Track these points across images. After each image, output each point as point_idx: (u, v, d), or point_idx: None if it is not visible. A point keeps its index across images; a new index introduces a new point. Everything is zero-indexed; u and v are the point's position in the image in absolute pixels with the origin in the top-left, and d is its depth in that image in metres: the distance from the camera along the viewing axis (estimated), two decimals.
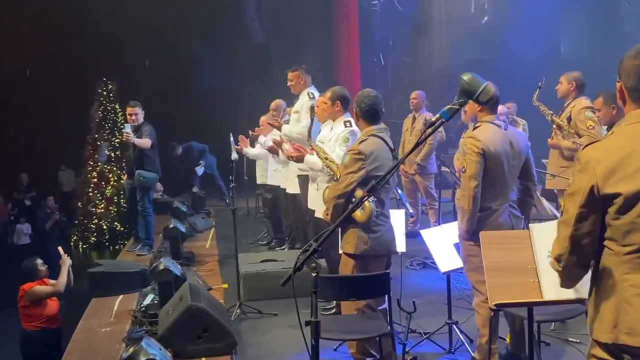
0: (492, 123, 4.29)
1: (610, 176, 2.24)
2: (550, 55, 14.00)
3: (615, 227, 2.27)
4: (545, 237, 3.05)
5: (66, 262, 6.86)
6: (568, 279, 2.45)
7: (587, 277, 2.49)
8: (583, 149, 2.38)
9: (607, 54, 12.89)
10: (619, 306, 2.28)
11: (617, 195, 2.23)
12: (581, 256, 2.37)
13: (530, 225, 3.18)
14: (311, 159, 5.59)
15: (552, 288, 3.00)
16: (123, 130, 8.33)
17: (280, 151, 7.43)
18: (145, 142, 8.24)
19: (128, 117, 8.45)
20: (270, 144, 7.66)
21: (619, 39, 13.53)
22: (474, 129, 4.37)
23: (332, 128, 5.79)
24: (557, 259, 2.41)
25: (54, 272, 6.87)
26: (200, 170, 13.28)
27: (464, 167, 4.27)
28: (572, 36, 14.84)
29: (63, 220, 14.28)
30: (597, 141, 2.40)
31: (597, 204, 2.28)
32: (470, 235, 4.27)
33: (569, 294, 2.90)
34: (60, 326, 6.79)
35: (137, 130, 8.29)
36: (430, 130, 2.48)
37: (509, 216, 4.31)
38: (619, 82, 2.39)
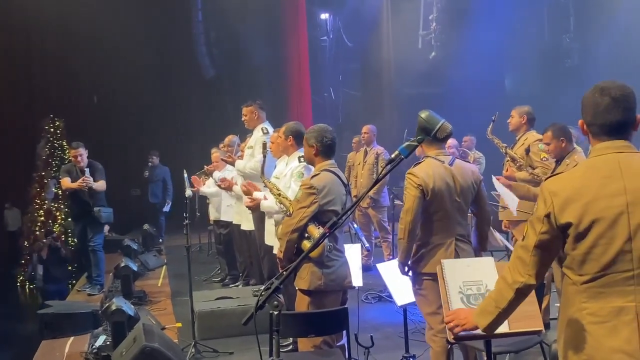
0: (435, 158, 4.29)
1: (565, 206, 2.33)
2: (495, 90, 14.37)
3: (572, 256, 2.36)
4: (457, 273, 3.07)
5: None
6: (517, 303, 2.51)
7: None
8: (546, 180, 2.47)
9: (550, 89, 13.33)
10: (578, 334, 2.35)
11: (569, 225, 2.32)
12: (536, 281, 2.46)
13: (442, 260, 3.17)
14: (266, 203, 5.62)
15: None
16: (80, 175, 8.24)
17: (233, 187, 7.51)
18: (102, 185, 8.31)
19: (73, 159, 8.37)
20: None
21: (561, 74, 13.98)
22: (416, 164, 4.38)
23: (287, 163, 5.82)
24: (512, 282, 2.47)
25: None
26: (167, 207, 13.33)
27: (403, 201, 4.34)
28: (516, 71, 15.26)
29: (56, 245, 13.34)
30: (560, 173, 2.51)
31: (555, 233, 2.37)
32: (403, 268, 4.36)
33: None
34: None
35: (83, 172, 8.23)
36: (389, 167, 2.52)
37: (456, 251, 4.29)
38: (581, 118, 2.49)
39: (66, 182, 8.32)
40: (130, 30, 14.31)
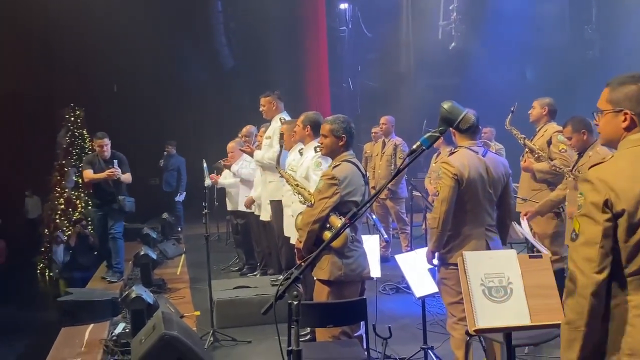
0: (469, 149, 4.34)
1: (620, 194, 2.28)
2: (516, 81, 14.24)
3: (620, 248, 2.30)
4: (479, 265, 3.05)
5: None
6: (599, 310, 2.32)
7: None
8: (589, 169, 2.41)
9: (571, 80, 13.20)
10: (621, 328, 2.30)
11: (622, 213, 2.27)
12: (607, 276, 2.31)
13: (463, 252, 3.13)
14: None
15: (486, 316, 2.97)
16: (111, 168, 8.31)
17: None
18: (129, 177, 8.46)
19: (98, 149, 8.43)
20: (244, 171, 8.09)
21: (582, 65, 13.83)
22: (451, 154, 4.42)
23: (301, 153, 5.83)
24: (582, 288, 2.30)
25: None
26: (181, 197, 13.52)
27: (437, 190, 4.34)
28: (536, 62, 15.12)
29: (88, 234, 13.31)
30: (601, 163, 2.43)
31: (614, 220, 2.30)
32: (432, 257, 4.42)
33: (503, 321, 2.96)
34: None
35: (106, 162, 8.34)
36: (410, 158, 2.51)
37: (486, 241, 4.32)
38: (619, 111, 2.43)
39: (89, 173, 8.37)
40: (149, 20, 14.34)
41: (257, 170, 7.59)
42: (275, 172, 6.33)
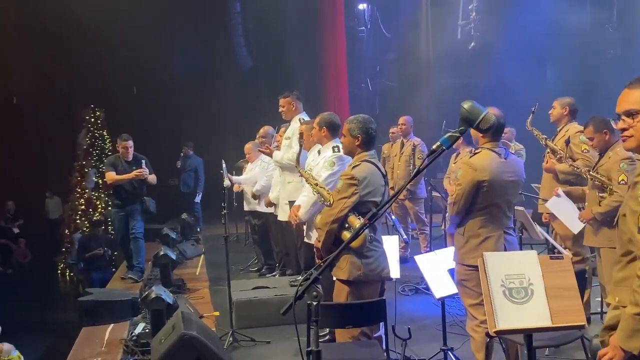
0: (491, 150, 4.30)
1: None
2: (536, 81, 14.12)
3: None
4: (499, 267, 3.03)
5: None
6: None
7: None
8: None
9: (593, 79, 13.06)
10: None
11: None
12: None
13: (483, 253, 3.11)
14: (303, 200, 5.78)
15: (506, 317, 2.94)
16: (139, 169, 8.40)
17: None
18: (154, 178, 8.56)
19: (123, 150, 8.48)
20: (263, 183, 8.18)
21: (603, 65, 13.68)
22: (473, 154, 4.39)
23: (319, 153, 5.83)
24: None
25: None
26: (198, 197, 13.55)
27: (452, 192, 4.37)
28: (557, 62, 14.99)
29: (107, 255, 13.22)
30: None
31: None
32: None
33: (524, 322, 2.94)
34: None
35: (129, 163, 8.45)
36: (430, 158, 2.49)
37: (504, 244, 4.29)
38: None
39: (112, 175, 8.41)
40: (168, 21, 14.45)
41: (276, 170, 7.59)
42: (294, 172, 6.34)
